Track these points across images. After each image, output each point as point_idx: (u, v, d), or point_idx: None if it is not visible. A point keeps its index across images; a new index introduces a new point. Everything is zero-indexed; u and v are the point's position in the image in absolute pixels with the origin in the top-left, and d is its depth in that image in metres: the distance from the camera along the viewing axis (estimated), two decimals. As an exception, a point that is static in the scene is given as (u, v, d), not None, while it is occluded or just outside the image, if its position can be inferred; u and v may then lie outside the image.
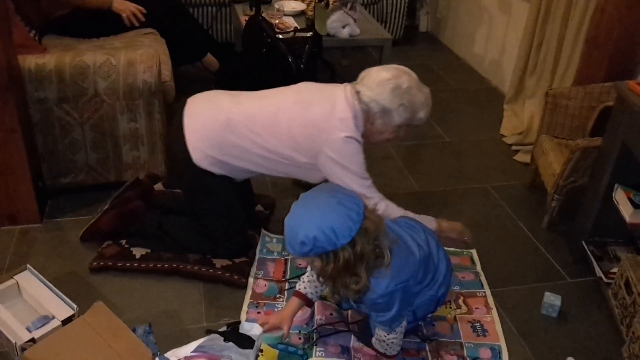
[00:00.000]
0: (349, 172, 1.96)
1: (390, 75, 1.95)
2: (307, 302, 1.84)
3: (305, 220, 1.47)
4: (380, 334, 1.74)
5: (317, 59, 3.01)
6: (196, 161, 2.00)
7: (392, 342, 1.72)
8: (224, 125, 1.98)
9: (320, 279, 1.59)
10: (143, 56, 2.37)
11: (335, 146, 1.93)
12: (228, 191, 2.11)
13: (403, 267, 1.63)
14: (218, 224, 2.14)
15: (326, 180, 2.06)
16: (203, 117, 2.02)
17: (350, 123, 1.94)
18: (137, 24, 2.99)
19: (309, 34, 2.85)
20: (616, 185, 2.14)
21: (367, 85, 1.96)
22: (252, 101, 2.05)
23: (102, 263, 2.14)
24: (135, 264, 2.15)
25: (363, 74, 2.02)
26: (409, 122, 1.99)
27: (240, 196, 2.19)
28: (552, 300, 2.09)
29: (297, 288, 1.86)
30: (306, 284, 1.84)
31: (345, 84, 2.04)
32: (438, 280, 1.79)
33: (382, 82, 1.94)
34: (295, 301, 1.84)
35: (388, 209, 2.01)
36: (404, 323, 1.72)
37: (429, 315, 1.93)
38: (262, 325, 1.82)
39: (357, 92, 1.97)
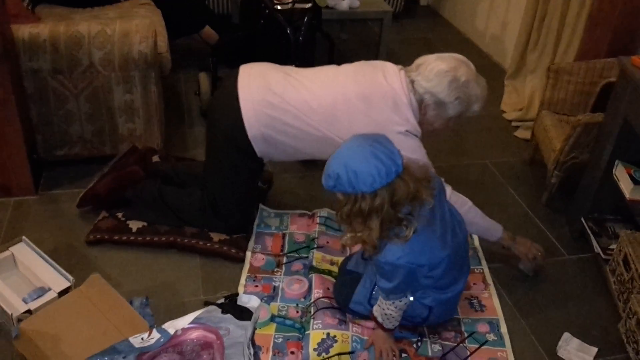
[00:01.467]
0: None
1: (448, 66, 1.89)
2: None
3: (339, 156, 1.51)
4: (380, 300, 1.73)
5: (316, 32, 2.96)
6: (251, 137, 1.96)
7: (390, 314, 1.71)
8: (280, 110, 1.93)
9: (338, 217, 1.60)
10: (139, 26, 2.32)
11: (395, 140, 1.83)
12: (253, 172, 2.10)
13: (423, 252, 1.60)
14: (228, 200, 2.12)
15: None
16: (259, 95, 1.95)
17: (409, 116, 1.91)
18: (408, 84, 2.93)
19: (308, 6, 2.79)
20: (617, 162, 2.12)
21: (423, 75, 1.90)
22: (308, 85, 1.96)
23: (98, 236, 2.13)
24: (132, 237, 2.14)
25: (419, 61, 1.95)
26: (461, 114, 1.96)
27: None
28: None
29: None
30: None
31: (399, 69, 1.97)
32: (459, 279, 1.79)
33: (439, 73, 1.88)
34: None
35: (453, 195, 2.00)
36: (406, 301, 1.69)
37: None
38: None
39: (412, 82, 1.92)
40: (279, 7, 2.78)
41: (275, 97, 1.94)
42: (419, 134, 1.95)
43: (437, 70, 1.89)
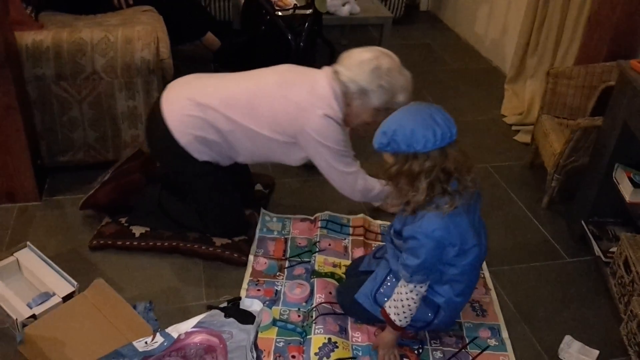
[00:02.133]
0: (329, 150, 1.97)
1: (371, 55, 1.93)
2: None
3: (395, 117, 1.56)
4: (401, 287, 1.69)
5: (317, 38, 2.98)
6: (184, 144, 1.99)
7: (407, 304, 1.67)
8: (202, 110, 1.97)
9: (385, 177, 1.62)
10: (141, 33, 2.34)
11: (315, 124, 1.93)
12: (214, 172, 2.10)
13: (458, 232, 1.61)
14: (209, 204, 2.15)
15: (308, 164, 2.09)
16: (180, 102, 2.00)
17: (331, 102, 1.94)
18: (124, 7, 2.96)
19: (308, 12, 2.81)
20: (616, 165, 2.13)
21: (346, 65, 1.95)
22: (228, 83, 2.04)
23: (101, 242, 2.14)
24: (135, 242, 2.15)
25: (344, 54, 2.00)
26: (387, 106, 1.96)
27: (233, 175, 2.18)
28: None
29: None
30: None
31: (325, 67, 2.03)
32: (471, 288, 1.79)
33: (362, 62, 1.92)
34: None
35: (367, 183, 2.11)
36: (424, 290, 1.67)
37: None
38: None
39: (336, 72, 1.95)
40: (280, 13, 2.80)
41: (195, 100, 1.98)
42: (339, 119, 1.96)
43: (360, 59, 1.92)
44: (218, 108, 1.97)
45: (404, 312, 1.70)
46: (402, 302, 1.69)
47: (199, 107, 1.97)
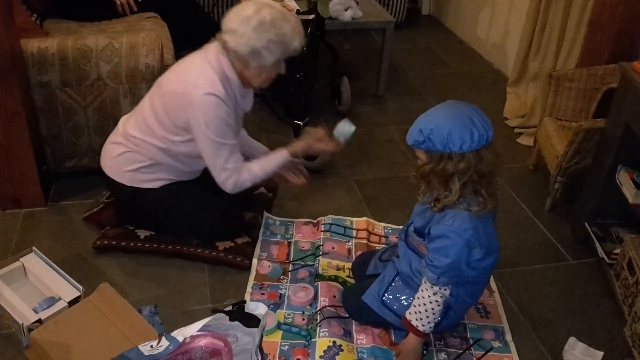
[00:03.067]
0: (208, 132, 1.90)
1: (251, 12, 1.83)
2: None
3: (432, 114, 1.55)
4: (424, 291, 1.66)
5: (319, 42, 3.00)
6: (130, 184, 2.07)
7: (430, 308, 1.65)
8: (127, 141, 2.06)
9: (417, 175, 1.62)
10: (145, 39, 2.36)
11: (196, 104, 1.88)
12: (180, 190, 2.11)
13: (485, 235, 1.62)
14: (194, 218, 2.15)
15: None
16: (106, 150, 2.14)
17: (212, 78, 1.88)
18: (128, 14, 2.98)
19: (311, 17, 2.82)
20: (619, 167, 2.14)
21: (230, 30, 1.86)
22: (144, 103, 2.07)
23: (106, 242, 2.16)
24: (139, 244, 2.16)
25: (225, 19, 1.89)
26: (285, 55, 1.91)
27: (205, 181, 2.16)
28: (344, 127, 2.17)
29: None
30: None
31: (214, 40, 1.97)
32: (480, 291, 1.80)
33: (243, 22, 1.83)
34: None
35: (250, 171, 2.04)
36: (447, 293, 1.65)
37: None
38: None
39: (224, 42, 1.88)
40: (282, 19, 2.81)
41: (122, 133, 2.08)
42: (222, 95, 1.89)
43: (240, 19, 1.84)
44: (136, 134, 2.03)
45: (427, 317, 1.67)
46: (424, 306, 1.66)
47: (125, 138, 2.06)
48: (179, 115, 1.94)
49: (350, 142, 2.93)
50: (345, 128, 2.17)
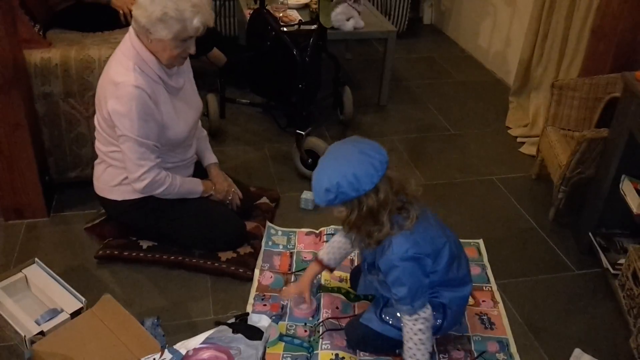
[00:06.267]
0: (124, 120, 1.88)
1: None
2: (326, 268, 1.91)
3: (329, 169, 1.51)
4: (406, 326, 1.64)
5: (322, 52, 3.00)
6: (121, 198, 2.09)
7: (418, 340, 1.62)
8: (98, 164, 2.14)
9: (346, 228, 1.60)
10: (148, 50, 2.36)
11: (109, 93, 1.88)
12: (175, 202, 2.10)
13: (425, 240, 1.61)
14: (189, 227, 2.15)
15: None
16: (95, 173, 2.17)
17: (126, 67, 1.88)
18: (131, 24, 2.99)
19: (313, 27, 2.83)
20: (623, 176, 2.13)
21: (137, 4, 1.84)
22: None
23: (108, 252, 2.16)
24: (142, 254, 2.16)
25: None
26: (187, 34, 1.87)
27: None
28: (307, 195, 2.47)
29: (318, 256, 1.91)
30: (328, 248, 1.89)
31: None
32: (465, 281, 1.77)
33: None
34: (312, 268, 1.91)
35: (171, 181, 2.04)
36: (429, 313, 1.63)
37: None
38: (281, 294, 1.89)
39: (134, 16, 1.86)
40: (285, 29, 2.82)
41: (99, 157, 2.12)
42: (137, 83, 1.87)
43: None
44: (102, 147, 2.07)
45: (419, 350, 1.64)
46: (412, 341, 1.64)
47: (100, 155, 2.10)
48: (107, 114, 1.93)
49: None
50: (308, 195, 2.49)
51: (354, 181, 1.46)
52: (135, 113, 1.88)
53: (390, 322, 1.76)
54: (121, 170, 2.05)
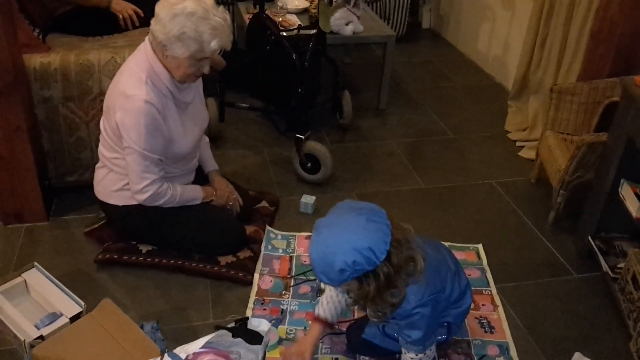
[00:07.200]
0: (132, 132, 1.89)
1: (174, 1, 1.82)
2: (329, 326, 1.76)
3: (339, 245, 1.34)
4: (409, 356, 1.62)
5: (321, 57, 3.01)
6: (121, 203, 2.09)
7: None
8: (99, 168, 2.15)
9: (361, 302, 1.46)
10: (148, 54, 2.37)
11: (118, 104, 1.89)
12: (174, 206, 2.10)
13: (434, 274, 1.56)
14: (189, 230, 2.15)
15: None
16: (96, 177, 2.18)
17: (138, 79, 1.88)
18: (130, 28, 3.00)
19: (312, 32, 2.84)
20: (622, 180, 2.13)
21: (156, 14, 1.84)
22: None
23: (107, 255, 2.15)
24: (141, 258, 2.16)
25: (157, 6, 1.87)
26: (203, 55, 1.87)
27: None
28: (307, 199, 2.49)
29: (315, 313, 1.75)
30: (325, 306, 1.73)
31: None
32: (466, 292, 1.74)
33: (165, 8, 1.82)
34: (316, 329, 1.72)
35: (175, 191, 2.06)
36: (434, 350, 1.64)
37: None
38: (282, 354, 1.76)
39: (153, 33, 1.86)
40: (284, 34, 2.83)
41: (101, 161, 2.13)
42: (147, 97, 1.87)
43: (165, 6, 1.83)
44: (106, 153, 2.07)
45: None
46: None
47: (102, 160, 2.10)
48: (115, 124, 1.93)
49: (352, 157, 2.96)
50: (307, 199, 2.51)
51: (370, 255, 1.32)
52: (143, 127, 1.88)
53: (395, 335, 1.73)
54: (123, 177, 2.05)
